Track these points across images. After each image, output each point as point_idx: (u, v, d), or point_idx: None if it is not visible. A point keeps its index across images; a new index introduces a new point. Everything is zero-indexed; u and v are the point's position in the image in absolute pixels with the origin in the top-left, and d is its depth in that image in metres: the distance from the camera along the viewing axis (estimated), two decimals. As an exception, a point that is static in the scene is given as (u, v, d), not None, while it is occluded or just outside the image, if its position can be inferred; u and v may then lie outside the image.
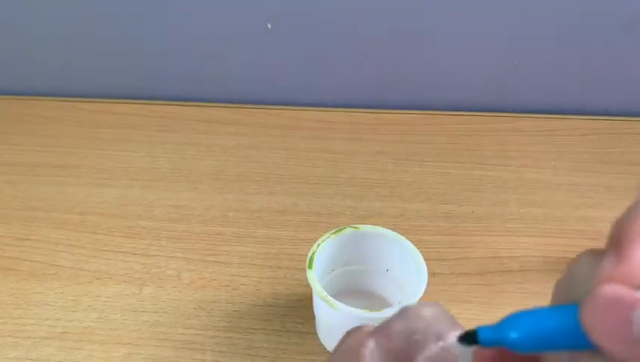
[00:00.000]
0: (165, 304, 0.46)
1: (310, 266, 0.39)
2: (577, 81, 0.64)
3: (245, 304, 0.45)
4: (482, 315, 0.44)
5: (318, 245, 0.41)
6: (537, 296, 0.45)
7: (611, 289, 0.19)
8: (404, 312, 0.26)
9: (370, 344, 0.25)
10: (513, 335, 0.21)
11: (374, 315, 0.36)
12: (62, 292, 0.47)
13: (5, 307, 0.46)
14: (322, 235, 0.41)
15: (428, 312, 0.26)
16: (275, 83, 0.67)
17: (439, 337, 0.25)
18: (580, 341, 0.19)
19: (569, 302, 0.20)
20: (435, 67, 0.64)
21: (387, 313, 0.35)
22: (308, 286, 0.39)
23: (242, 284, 0.47)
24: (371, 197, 0.55)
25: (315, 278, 0.39)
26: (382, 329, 0.26)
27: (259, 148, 0.60)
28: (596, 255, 0.20)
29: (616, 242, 0.20)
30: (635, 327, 0.18)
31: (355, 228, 0.42)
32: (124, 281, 0.48)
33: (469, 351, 0.23)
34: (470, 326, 0.30)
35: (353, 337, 0.26)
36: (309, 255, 0.40)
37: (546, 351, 0.21)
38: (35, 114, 0.66)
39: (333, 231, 0.42)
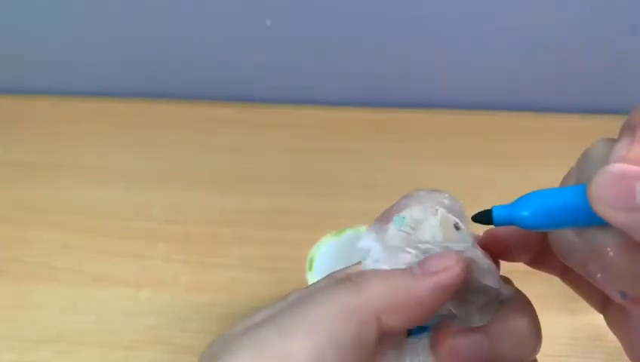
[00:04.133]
0: (163, 307, 0.45)
1: (310, 268, 0.39)
2: (584, 80, 0.64)
3: (244, 306, 0.45)
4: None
5: (318, 246, 0.40)
6: (542, 298, 0.44)
7: (621, 165, 0.20)
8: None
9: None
10: (525, 212, 0.22)
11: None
12: (57, 295, 0.46)
13: (0, 309, 0.45)
14: (322, 236, 0.41)
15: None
16: (274, 80, 0.66)
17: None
18: (586, 218, 0.20)
19: (581, 183, 0.21)
20: (437, 65, 0.64)
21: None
22: (308, 288, 0.39)
23: (241, 286, 0.46)
24: (372, 198, 0.54)
25: (315, 280, 0.38)
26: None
27: (258, 147, 0.60)
28: (611, 141, 0.21)
29: (631, 128, 0.21)
30: (638, 196, 0.19)
31: (356, 229, 0.41)
32: (121, 283, 0.47)
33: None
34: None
35: None
36: (309, 256, 0.39)
37: (556, 228, 0.22)
38: (31, 113, 0.65)
39: (334, 232, 0.41)
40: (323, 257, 0.40)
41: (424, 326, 0.23)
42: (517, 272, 0.50)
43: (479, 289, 0.23)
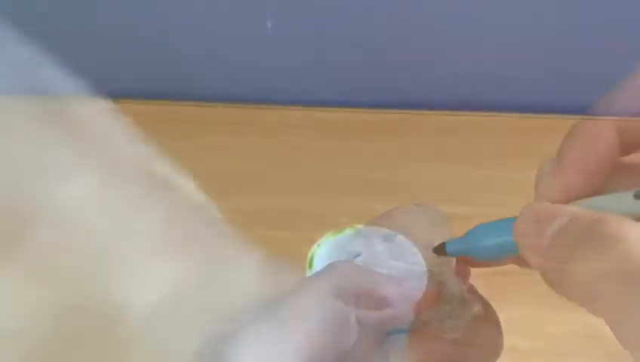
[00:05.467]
0: (163, 306, 0.45)
1: (310, 267, 0.39)
2: (581, 81, 0.64)
3: (244, 306, 0.45)
4: (485, 317, 0.44)
5: (318, 245, 0.40)
6: (539, 296, 0.44)
7: (537, 206, 0.21)
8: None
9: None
10: (485, 242, 0.23)
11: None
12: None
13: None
14: (322, 236, 0.41)
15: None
16: (274, 81, 0.66)
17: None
18: None
19: None
20: (437, 65, 0.64)
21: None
22: (307, 287, 0.39)
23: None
24: (372, 198, 0.54)
25: (314, 280, 0.38)
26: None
27: (258, 147, 0.60)
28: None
29: (559, 156, 0.22)
30: (547, 239, 0.19)
31: (356, 228, 0.41)
32: (122, 283, 0.47)
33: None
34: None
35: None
36: (309, 255, 0.39)
37: (505, 257, 0.24)
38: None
39: (334, 232, 0.41)
40: (323, 256, 0.40)
41: (402, 328, 0.25)
42: (515, 271, 0.50)
43: (450, 306, 0.25)
